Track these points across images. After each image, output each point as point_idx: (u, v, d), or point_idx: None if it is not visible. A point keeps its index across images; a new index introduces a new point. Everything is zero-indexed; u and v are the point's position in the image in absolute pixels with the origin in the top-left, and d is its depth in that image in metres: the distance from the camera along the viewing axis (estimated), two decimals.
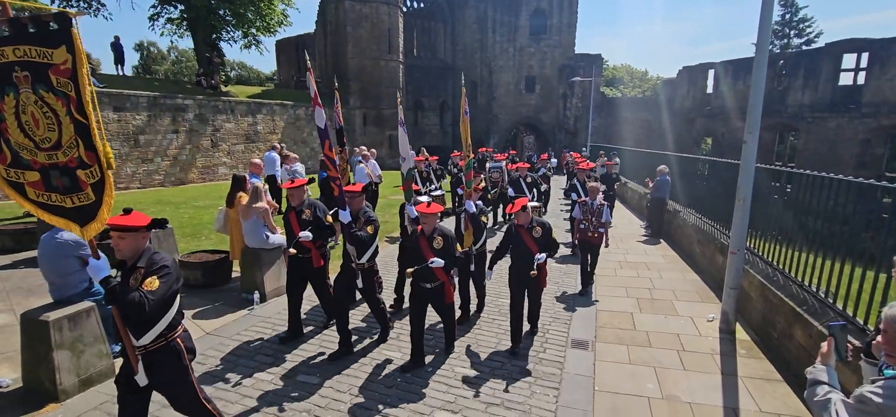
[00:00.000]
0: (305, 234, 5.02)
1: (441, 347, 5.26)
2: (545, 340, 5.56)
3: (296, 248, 5.05)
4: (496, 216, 12.26)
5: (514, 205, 5.10)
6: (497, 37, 33.62)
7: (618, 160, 14.98)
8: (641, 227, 12.24)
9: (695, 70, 28.69)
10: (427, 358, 4.93)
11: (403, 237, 6.11)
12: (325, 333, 5.58)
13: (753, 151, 5.38)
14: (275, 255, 6.57)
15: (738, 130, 22.83)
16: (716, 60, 27.16)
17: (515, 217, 5.11)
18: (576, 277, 7.80)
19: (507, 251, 5.27)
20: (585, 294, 7.12)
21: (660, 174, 11.11)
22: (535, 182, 11.19)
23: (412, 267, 4.54)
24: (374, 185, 11.78)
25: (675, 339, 5.66)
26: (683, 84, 29.61)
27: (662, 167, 11.21)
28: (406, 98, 31.36)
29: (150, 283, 2.73)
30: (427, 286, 4.63)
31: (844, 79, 21.84)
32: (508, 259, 5.33)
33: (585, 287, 7.23)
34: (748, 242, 6.42)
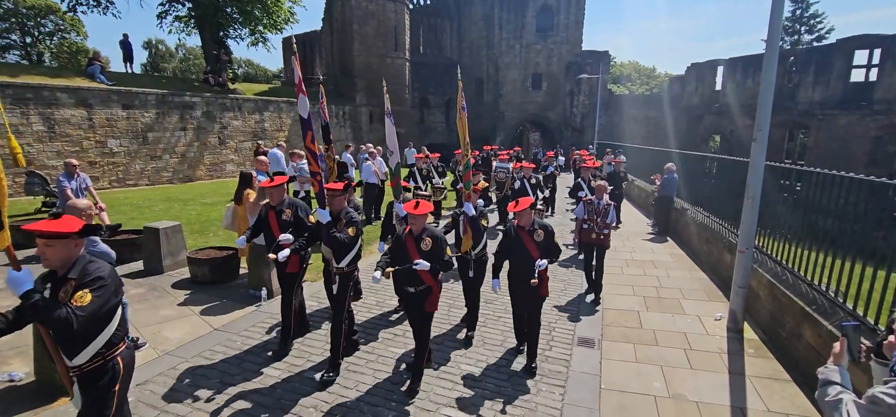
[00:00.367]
0: (285, 237, 4.74)
1: (440, 343, 5.26)
2: (551, 338, 5.55)
3: (275, 251, 4.67)
4: (502, 219, 11.81)
5: (519, 203, 4.70)
6: (503, 34, 33.50)
7: (624, 157, 14.81)
8: (648, 225, 12.17)
9: (703, 67, 28.42)
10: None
11: (391, 236, 5.52)
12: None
13: (763, 149, 5.33)
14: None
15: (747, 128, 22.67)
16: (724, 57, 26.92)
17: (517, 217, 4.73)
18: (580, 277, 7.58)
19: (507, 254, 4.88)
20: (594, 301, 6.75)
21: (667, 172, 11.03)
22: (540, 183, 10.83)
23: (394, 268, 4.23)
24: (381, 183, 11.79)
25: (682, 338, 5.63)
26: (692, 81, 29.35)
27: (670, 165, 11.14)
28: (412, 95, 31.34)
29: (81, 297, 2.46)
30: (411, 290, 4.28)
31: (856, 75, 21.55)
32: (506, 264, 4.99)
33: (595, 294, 6.83)
34: (757, 241, 6.37)
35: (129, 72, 20.66)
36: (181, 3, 23.25)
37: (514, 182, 10.91)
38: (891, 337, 2.12)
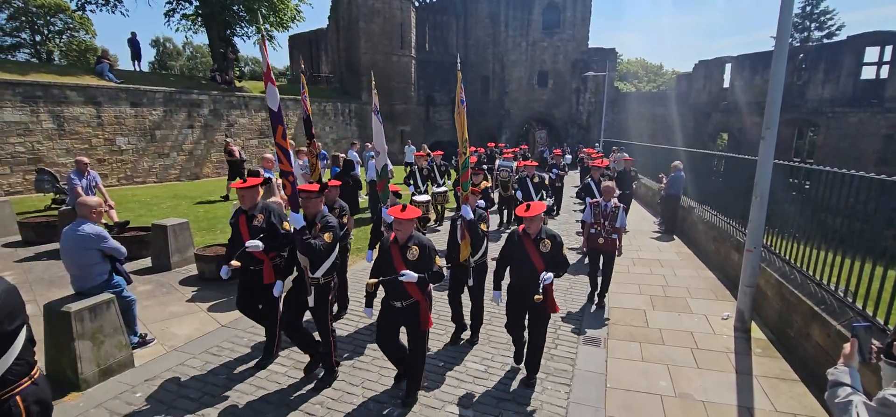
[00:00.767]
0: (255, 243, 4.27)
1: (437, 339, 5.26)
2: (557, 336, 5.55)
3: (239, 260, 4.30)
4: (503, 219, 11.54)
5: (530, 208, 4.20)
6: (509, 31, 33.43)
7: (626, 155, 14.58)
8: (655, 224, 12.11)
9: (711, 64, 28.22)
10: (430, 356, 4.94)
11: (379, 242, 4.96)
12: (336, 327, 5.62)
13: (771, 147, 5.28)
14: None
15: (755, 125, 22.48)
16: (733, 54, 26.70)
17: (525, 223, 4.26)
18: (584, 283, 7.15)
19: (509, 262, 4.43)
20: (598, 307, 6.42)
21: (674, 170, 10.96)
22: (543, 182, 10.27)
23: (377, 279, 3.84)
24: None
25: (689, 337, 5.60)
26: (699, 78, 29.14)
27: (677, 163, 11.06)
28: (418, 93, 31.34)
29: None
30: (397, 304, 3.91)
31: (867, 72, 21.32)
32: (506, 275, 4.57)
33: (599, 299, 6.49)
34: (765, 240, 6.32)
35: (137, 70, 20.81)
36: (188, 2, 23.38)
37: (515, 182, 10.49)
38: None
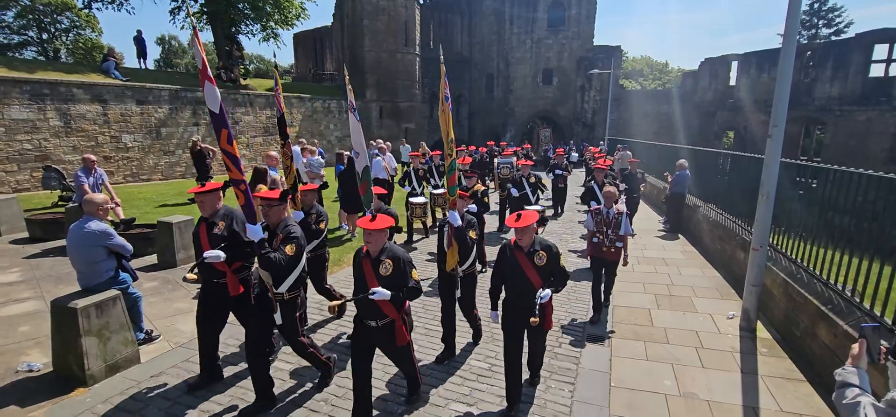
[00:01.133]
0: (215, 254, 3.88)
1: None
2: (561, 335, 5.54)
3: (198, 270, 3.96)
4: (503, 222, 10.87)
5: (520, 217, 3.80)
6: (514, 29, 33.36)
7: (629, 153, 14.34)
8: (660, 222, 12.05)
9: (717, 62, 28.00)
10: (430, 359, 4.94)
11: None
12: (322, 331, 5.64)
13: (779, 145, 5.24)
14: None
15: (762, 124, 22.30)
16: (739, 52, 26.49)
17: (516, 234, 3.83)
18: (587, 289, 6.67)
19: (503, 279, 4.04)
20: (597, 322, 5.90)
21: (679, 168, 10.91)
22: (540, 181, 9.72)
23: (341, 300, 3.51)
24: (391, 179, 11.78)
25: (694, 336, 5.58)
26: (705, 76, 28.94)
27: (682, 161, 11.01)
28: (422, 91, 31.31)
29: None
30: (371, 324, 3.56)
31: (875, 70, 21.09)
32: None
33: (597, 313, 5.99)
34: (771, 239, 6.28)
35: (143, 67, 20.93)
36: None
37: (510, 181, 9.93)
38: None
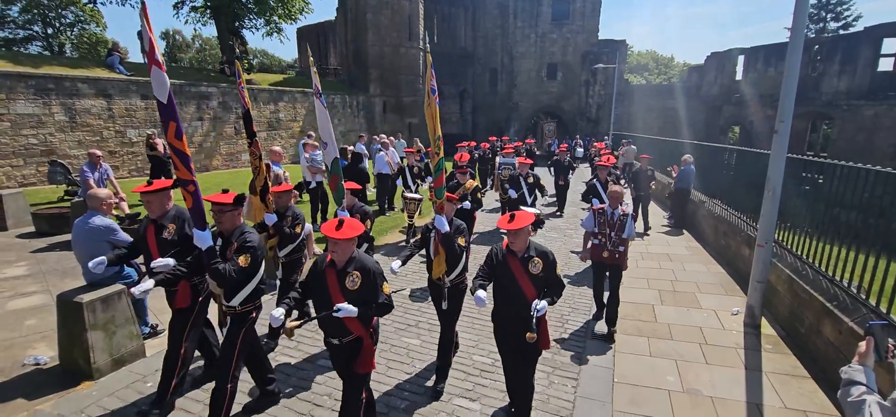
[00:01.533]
0: (163, 262, 3.56)
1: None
2: (564, 330, 5.53)
3: (158, 279, 3.41)
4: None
5: (514, 218, 3.41)
6: (519, 22, 33.15)
7: (634, 147, 14.00)
8: (664, 217, 12.00)
9: (723, 56, 27.80)
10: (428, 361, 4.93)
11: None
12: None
13: (785, 141, 5.19)
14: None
15: (768, 119, 22.14)
16: (745, 46, 26.27)
17: (509, 237, 3.50)
18: (588, 295, 6.45)
19: (490, 280, 3.59)
20: (600, 318, 5.69)
21: (684, 163, 10.85)
22: (538, 181, 9.07)
23: (299, 321, 3.03)
24: (395, 174, 11.79)
25: (698, 332, 5.56)
26: (711, 71, 28.74)
27: (687, 156, 10.94)
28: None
29: None
30: (335, 342, 3.14)
31: (884, 64, 20.87)
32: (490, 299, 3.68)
33: (608, 326, 5.42)
34: (777, 235, 6.24)
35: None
36: None
37: (507, 180, 9.46)
38: None
